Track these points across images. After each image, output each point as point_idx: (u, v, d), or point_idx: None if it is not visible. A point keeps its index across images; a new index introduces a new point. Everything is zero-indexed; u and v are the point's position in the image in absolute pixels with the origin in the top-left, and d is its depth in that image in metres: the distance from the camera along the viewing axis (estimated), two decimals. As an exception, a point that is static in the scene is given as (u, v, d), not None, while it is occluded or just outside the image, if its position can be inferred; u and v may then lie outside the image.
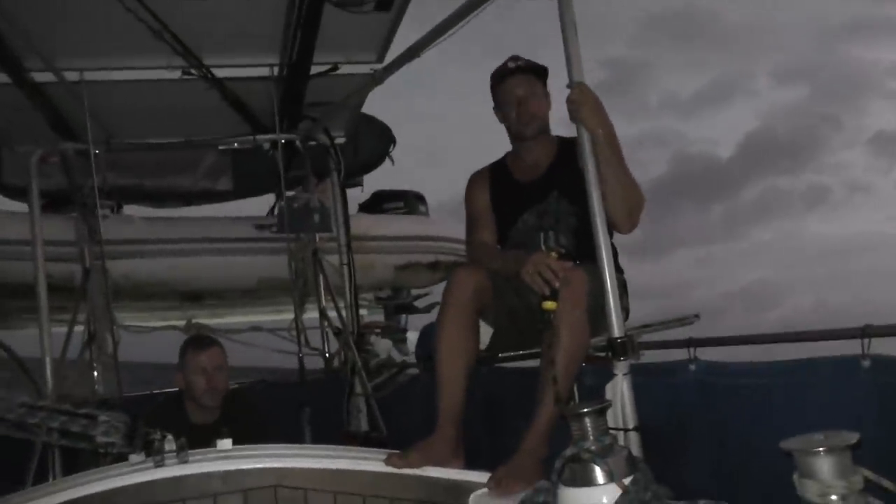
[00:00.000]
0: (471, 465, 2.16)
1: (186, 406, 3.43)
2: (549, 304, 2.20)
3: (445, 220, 6.12)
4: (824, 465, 1.11)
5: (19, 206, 5.20)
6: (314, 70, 3.86)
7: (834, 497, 1.11)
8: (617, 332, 2.21)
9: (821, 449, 1.11)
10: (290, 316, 4.99)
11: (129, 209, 5.76)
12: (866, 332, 1.84)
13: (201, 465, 2.04)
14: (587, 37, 2.34)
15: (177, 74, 3.74)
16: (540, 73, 2.75)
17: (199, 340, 3.63)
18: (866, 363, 1.72)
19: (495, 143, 2.92)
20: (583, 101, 2.29)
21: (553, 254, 2.28)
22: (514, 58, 2.76)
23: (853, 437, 1.12)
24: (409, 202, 6.22)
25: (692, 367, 2.16)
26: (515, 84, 2.71)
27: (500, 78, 2.75)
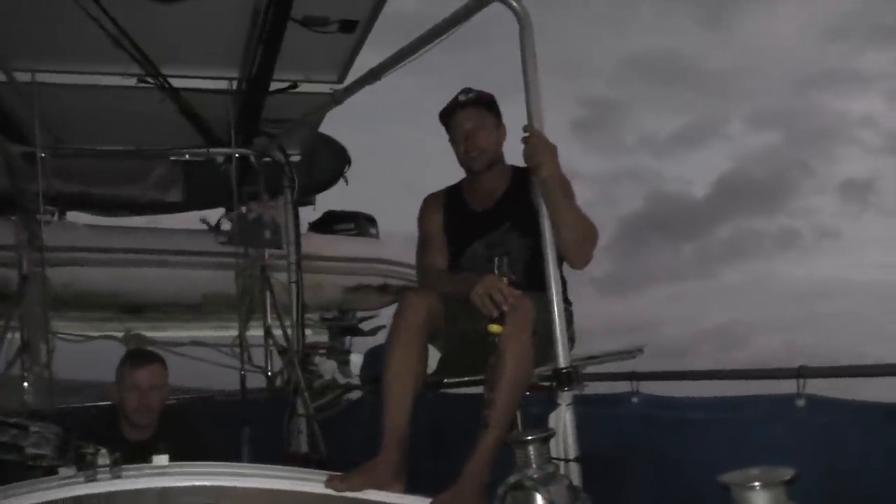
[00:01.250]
0: (413, 489, 2.16)
1: (120, 422, 3.27)
2: (494, 328, 2.22)
3: (396, 244, 6.11)
4: (759, 500, 1.14)
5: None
6: (273, 87, 3.84)
7: (768, 531, 1.13)
8: (562, 362, 2.23)
9: (756, 484, 1.14)
10: (234, 332, 4.91)
11: (73, 216, 5.60)
12: (801, 372, 1.90)
13: (135, 481, 1.99)
14: (567, 73, 2.40)
15: (132, 82, 3.68)
16: (489, 105, 2.75)
17: (140, 356, 3.46)
18: (801, 402, 1.78)
19: (451, 171, 2.93)
20: (535, 150, 2.33)
21: (504, 279, 2.31)
22: (466, 90, 2.76)
23: (788, 473, 1.15)
24: (360, 224, 6.19)
25: (634, 399, 2.20)
26: (464, 118, 2.71)
27: (450, 112, 2.75)
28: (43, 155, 4.07)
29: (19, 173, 4.45)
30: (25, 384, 4.41)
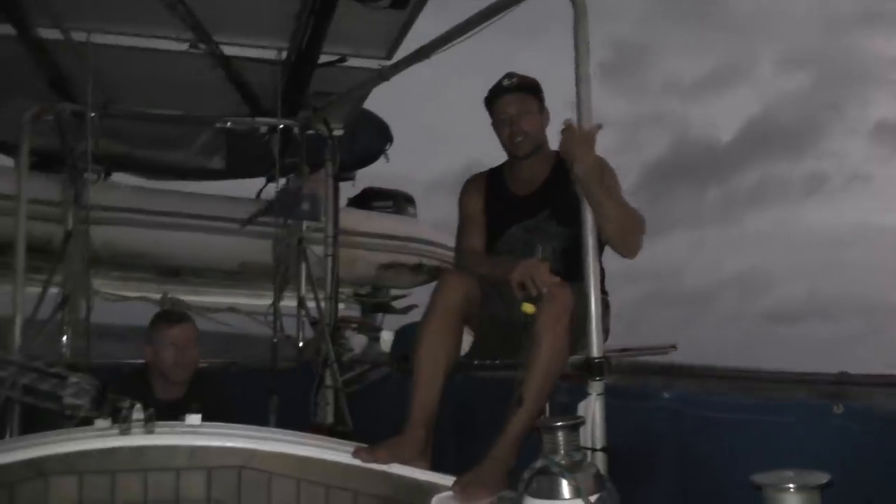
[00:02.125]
0: (437, 469, 2.17)
1: (152, 381, 3.38)
2: (528, 307, 2.22)
3: (432, 224, 6.13)
4: (792, 502, 1.13)
5: (7, 161, 5.16)
6: (322, 59, 3.86)
7: (799, 534, 1.12)
8: (595, 351, 2.23)
9: (791, 486, 1.13)
10: (268, 301, 4.97)
11: (118, 177, 5.70)
12: (841, 379, 1.87)
13: (168, 437, 2.03)
14: (592, 15, 2.36)
15: (184, 47, 3.71)
16: (533, 89, 2.76)
17: (171, 315, 3.59)
18: (839, 410, 1.75)
19: (493, 154, 2.94)
20: (572, 144, 2.34)
21: (546, 263, 2.31)
22: (509, 75, 2.77)
23: (824, 478, 1.14)
24: (399, 202, 6.21)
25: (666, 394, 2.18)
26: (507, 102, 2.72)
27: (493, 96, 2.76)
28: (93, 115, 4.12)
29: (69, 131, 4.53)
30: (64, 338, 4.51)
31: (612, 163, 2.67)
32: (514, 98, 2.72)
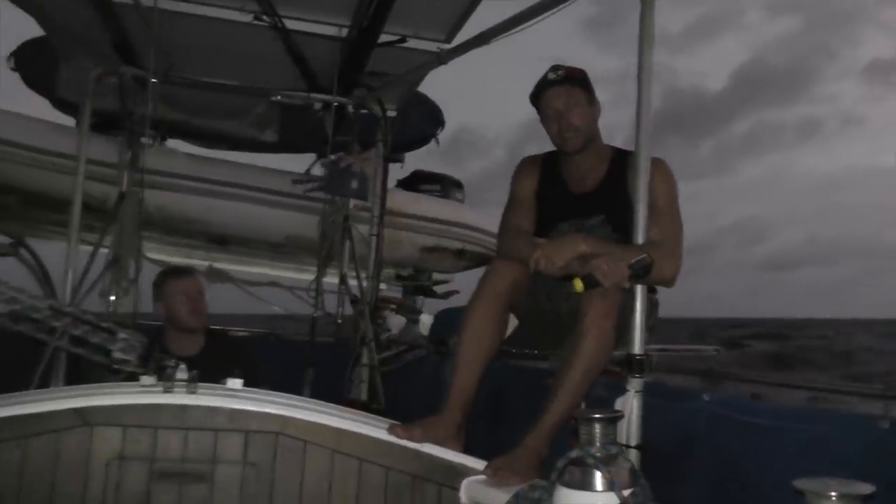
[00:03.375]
0: (468, 452, 2.18)
1: (168, 340, 3.51)
2: (578, 284, 2.20)
3: (479, 210, 6.13)
4: (834, 510, 1.11)
5: (69, 121, 5.28)
6: (381, 39, 3.87)
7: (838, 543, 1.11)
8: (637, 348, 2.21)
9: (833, 494, 1.11)
10: (310, 276, 5.03)
11: (174, 143, 5.81)
12: (887, 392, 1.83)
13: (209, 398, 2.07)
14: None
15: (248, 18, 3.75)
16: (581, 81, 2.65)
17: (179, 270, 3.80)
18: (885, 424, 1.71)
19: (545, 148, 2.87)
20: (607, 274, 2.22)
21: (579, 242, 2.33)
22: (555, 67, 2.66)
23: (867, 489, 1.12)
24: (447, 186, 6.21)
25: (706, 396, 2.16)
26: (554, 96, 2.62)
27: (539, 91, 2.66)
28: (154, 80, 4.19)
29: (130, 95, 4.62)
30: (112, 297, 4.63)
31: (603, 119, 2.69)
32: (561, 91, 2.62)
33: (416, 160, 6.19)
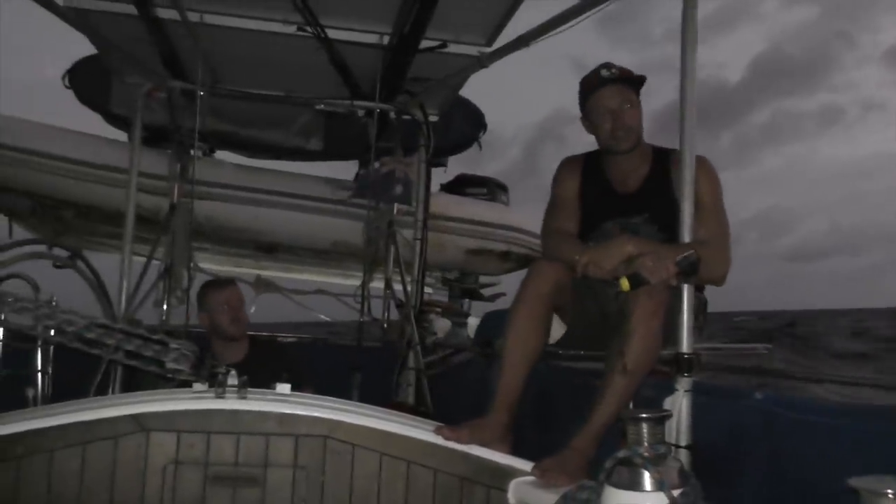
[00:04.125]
0: (515, 454, 2.17)
1: (214, 349, 3.68)
2: (624, 283, 2.18)
3: (524, 213, 6.10)
4: (890, 509, 1.08)
5: (120, 135, 5.44)
6: (423, 45, 3.89)
7: (895, 542, 1.08)
8: (685, 347, 2.19)
9: (890, 492, 1.09)
10: (356, 282, 5.08)
11: (222, 154, 5.93)
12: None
13: (259, 403, 2.11)
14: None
15: (292, 30, 3.81)
16: (633, 82, 2.64)
17: (221, 281, 3.98)
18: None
19: (584, 147, 2.86)
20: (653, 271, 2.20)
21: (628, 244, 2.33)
22: (607, 65, 2.65)
23: (925, 486, 1.09)
24: (492, 189, 6.22)
25: (758, 395, 2.12)
26: (608, 95, 2.60)
27: (591, 88, 2.64)
28: (202, 93, 4.28)
29: (178, 108, 4.74)
30: (165, 306, 4.74)
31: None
32: (615, 90, 2.61)
33: (459, 164, 6.20)
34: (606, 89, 2.61)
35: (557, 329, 2.55)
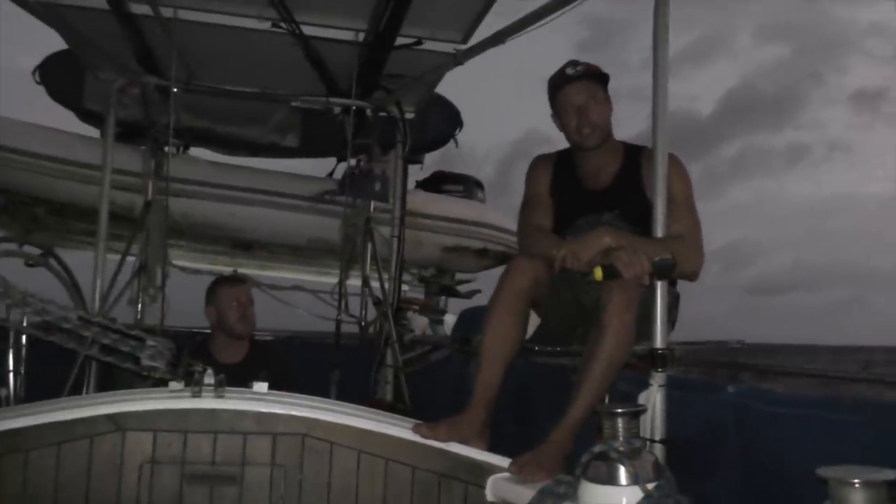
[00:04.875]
0: (493, 450, 2.19)
1: (214, 347, 3.67)
2: (598, 273, 2.20)
3: (500, 209, 6.14)
4: (857, 498, 1.11)
5: (93, 132, 5.37)
6: (398, 41, 3.89)
7: (862, 531, 1.10)
8: (659, 342, 2.21)
9: (856, 481, 1.11)
10: (333, 279, 5.07)
11: (196, 151, 5.89)
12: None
13: (236, 402, 2.10)
14: None
15: (266, 25, 3.79)
16: (600, 78, 2.67)
17: (233, 278, 3.95)
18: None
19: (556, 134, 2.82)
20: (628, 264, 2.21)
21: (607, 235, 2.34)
22: (573, 63, 2.68)
23: (892, 475, 1.11)
24: (468, 187, 6.24)
25: (730, 388, 2.15)
26: (574, 92, 2.62)
27: (557, 85, 2.66)
28: (175, 90, 4.25)
29: (152, 105, 4.70)
30: (140, 305, 4.70)
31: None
32: (581, 86, 2.63)
33: (434, 161, 6.21)
34: (572, 86, 2.63)
35: (531, 323, 2.56)
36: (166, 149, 4.74)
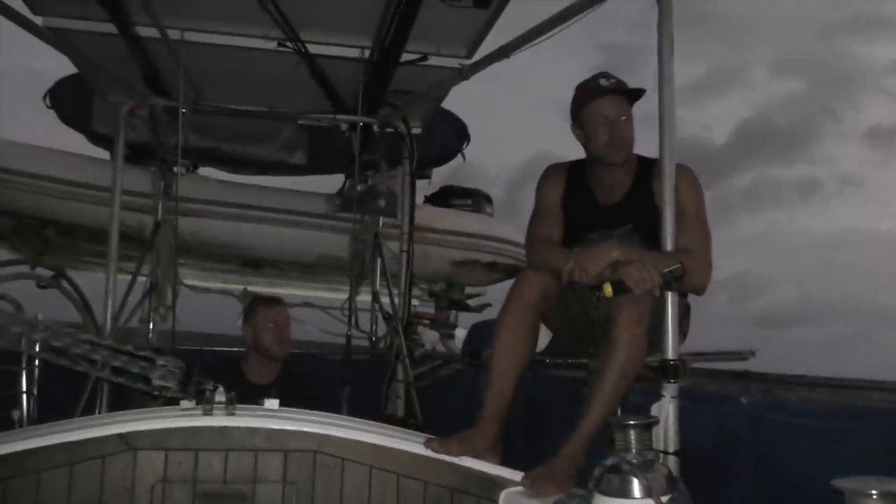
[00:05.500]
0: (505, 464, 2.18)
1: (246, 366, 3.69)
2: (607, 289, 2.19)
3: (509, 223, 6.14)
4: (874, 509, 1.10)
5: (103, 154, 5.42)
6: (403, 58, 3.91)
7: (880, 542, 1.09)
8: (671, 354, 2.20)
9: (874, 492, 1.10)
10: (343, 295, 5.07)
11: (205, 170, 5.92)
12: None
13: (247, 419, 2.11)
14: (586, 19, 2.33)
15: (272, 45, 3.82)
16: (631, 94, 2.61)
17: (271, 300, 3.93)
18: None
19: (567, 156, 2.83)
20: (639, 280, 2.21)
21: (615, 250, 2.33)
22: (606, 75, 2.63)
23: (908, 485, 1.10)
24: (477, 201, 6.25)
25: (744, 399, 2.14)
26: (607, 105, 2.57)
27: (589, 97, 2.60)
28: (184, 110, 4.28)
29: (161, 126, 4.74)
30: (151, 324, 4.72)
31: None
32: (614, 100, 2.58)
33: (443, 178, 6.22)
34: (606, 99, 2.58)
35: (543, 337, 2.55)
36: (175, 169, 4.77)
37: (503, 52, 3.51)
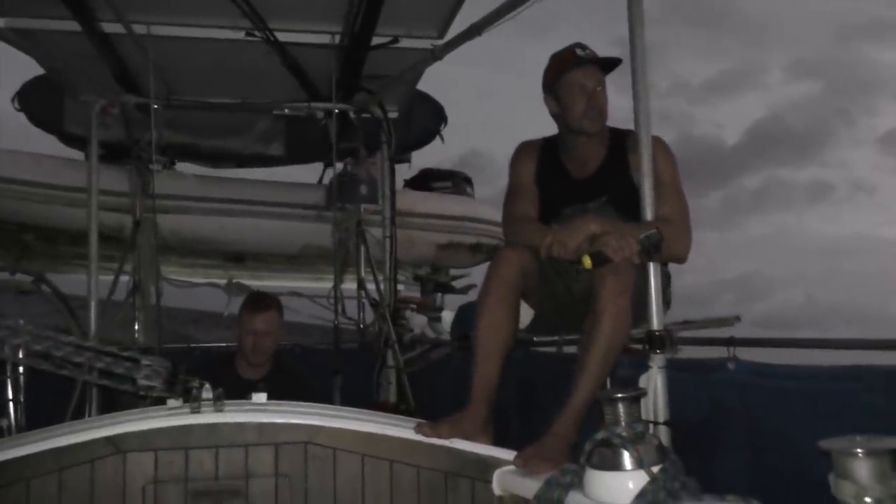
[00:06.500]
0: (498, 443, 2.18)
1: (237, 362, 3.71)
2: (586, 261, 2.19)
3: (491, 203, 6.12)
4: (862, 468, 1.10)
5: (77, 154, 5.35)
6: (375, 41, 3.86)
7: (868, 500, 1.10)
8: (656, 324, 2.20)
9: (859, 451, 1.10)
10: (329, 284, 5.05)
11: (182, 166, 5.86)
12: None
13: (236, 415, 2.09)
14: (599, 14, 2.33)
15: (240, 35, 3.76)
16: (607, 65, 2.60)
17: (258, 302, 3.82)
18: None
19: (547, 129, 2.83)
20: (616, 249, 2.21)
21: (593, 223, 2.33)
22: (581, 45, 2.61)
23: (894, 443, 1.11)
24: (457, 183, 6.23)
25: (731, 365, 2.14)
26: (584, 75, 2.56)
27: (567, 65, 2.59)
28: (156, 106, 4.22)
29: (134, 123, 4.68)
30: (136, 324, 4.69)
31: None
32: (591, 70, 2.57)
33: (422, 158, 6.19)
34: (583, 69, 2.58)
35: (525, 314, 2.55)
36: (151, 166, 4.71)
37: (475, 30, 3.49)
